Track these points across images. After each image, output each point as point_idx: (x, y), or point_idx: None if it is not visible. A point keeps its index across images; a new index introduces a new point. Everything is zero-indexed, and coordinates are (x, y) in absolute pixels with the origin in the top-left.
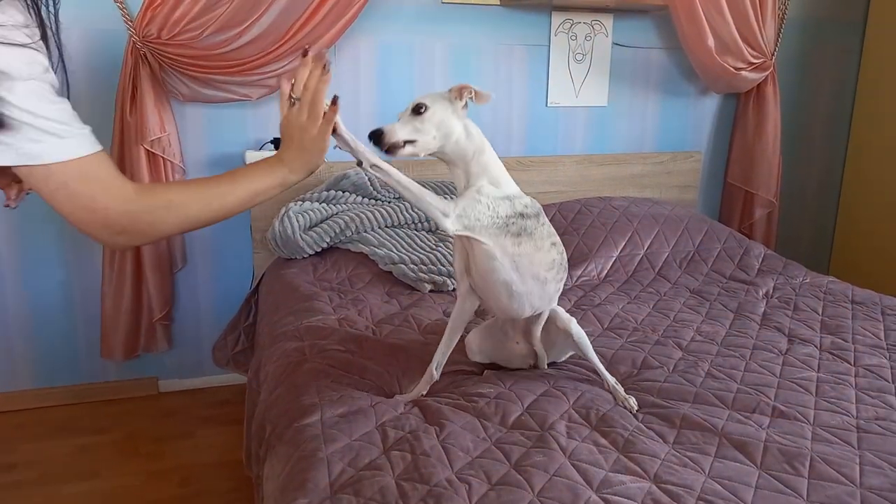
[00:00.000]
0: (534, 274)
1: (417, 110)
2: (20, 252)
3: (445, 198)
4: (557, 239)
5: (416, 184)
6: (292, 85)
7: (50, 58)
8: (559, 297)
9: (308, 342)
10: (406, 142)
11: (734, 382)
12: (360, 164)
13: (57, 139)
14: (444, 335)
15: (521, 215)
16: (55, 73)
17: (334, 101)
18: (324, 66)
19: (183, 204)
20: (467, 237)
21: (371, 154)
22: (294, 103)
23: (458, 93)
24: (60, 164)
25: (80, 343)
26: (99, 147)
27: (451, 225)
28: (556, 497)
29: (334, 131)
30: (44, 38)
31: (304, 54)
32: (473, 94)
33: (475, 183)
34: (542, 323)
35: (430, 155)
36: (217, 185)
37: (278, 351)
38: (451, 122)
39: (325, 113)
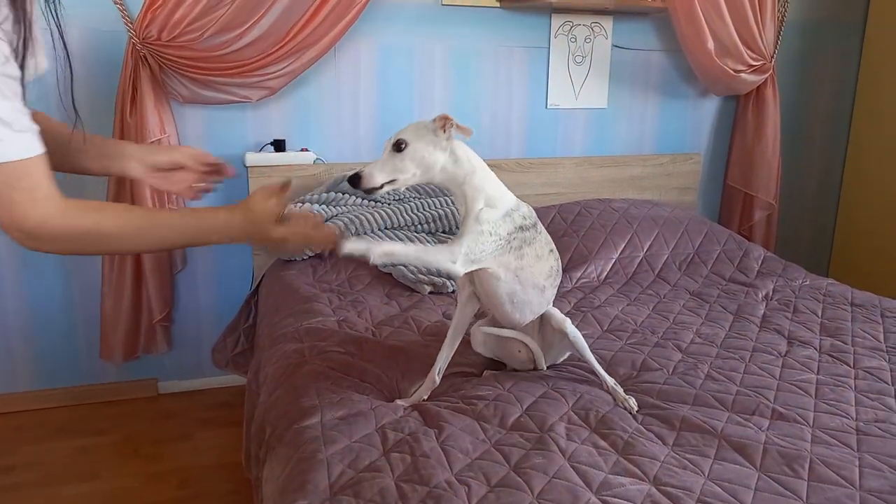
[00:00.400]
0: (534, 283)
1: (398, 147)
2: (20, 253)
3: (447, 242)
4: (553, 245)
5: (420, 248)
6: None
7: (17, 44)
8: (563, 302)
9: (308, 344)
10: (384, 182)
11: (734, 384)
12: (372, 262)
13: None
14: (445, 340)
15: (521, 228)
16: (14, 65)
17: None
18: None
19: (105, 233)
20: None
21: (375, 246)
22: (282, 219)
23: (441, 123)
24: None
25: (79, 344)
26: (38, 151)
27: (460, 268)
28: (555, 499)
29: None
30: (18, 22)
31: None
32: (454, 126)
33: (472, 206)
34: (534, 323)
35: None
36: (152, 223)
37: (278, 352)
38: (433, 156)
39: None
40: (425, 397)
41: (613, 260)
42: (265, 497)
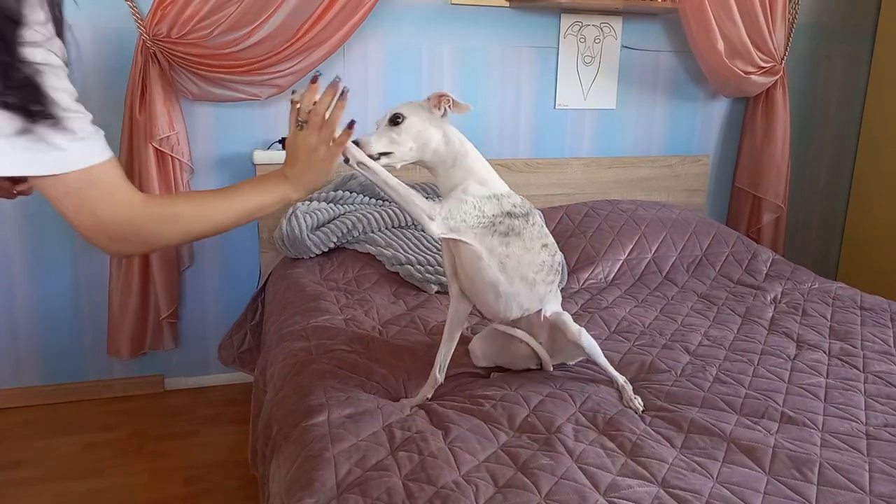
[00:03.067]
0: (522, 275)
1: (394, 120)
2: (29, 249)
3: (432, 200)
4: (550, 240)
5: (403, 185)
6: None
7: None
8: (569, 303)
9: (315, 342)
10: (381, 154)
11: (742, 387)
12: (346, 161)
13: (70, 149)
14: (442, 337)
15: (509, 214)
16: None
17: (350, 125)
18: (342, 93)
19: (187, 216)
20: (454, 239)
21: (358, 151)
22: (302, 126)
23: (436, 101)
24: (73, 172)
25: (86, 340)
26: (111, 153)
27: (436, 228)
28: (563, 500)
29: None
30: (59, 34)
31: (314, 81)
32: (451, 103)
33: (461, 183)
34: (543, 325)
35: (411, 163)
36: (222, 198)
37: (285, 350)
38: (428, 132)
39: (338, 137)
40: (429, 396)
41: (621, 261)
42: (272, 494)
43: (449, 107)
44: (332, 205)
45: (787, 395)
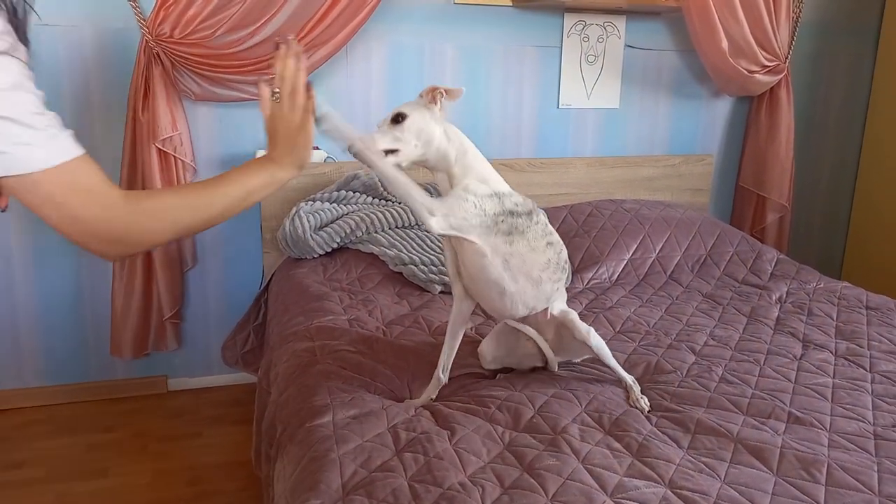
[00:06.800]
0: (526, 273)
1: (396, 119)
2: (31, 249)
3: (433, 195)
4: (556, 238)
5: (403, 176)
6: (271, 87)
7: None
8: (574, 303)
9: (318, 343)
10: (388, 152)
11: (749, 387)
12: (349, 149)
13: (38, 148)
14: (445, 338)
15: (511, 213)
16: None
17: (307, 87)
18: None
19: (173, 209)
20: (456, 237)
21: (358, 139)
22: (277, 99)
23: (430, 95)
24: (45, 173)
25: (89, 341)
26: (82, 150)
27: (436, 224)
28: (569, 501)
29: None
30: (23, 41)
31: (277, 47)
32: (444, 92)
33: (462, 181)
34: (549, 323)
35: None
36: (207, 189)
37: (289, 351)
38: (430, 128)
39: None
40: (433, 397)
41: (625, 261)
42: (276, 495)
43: (443, 97)
44: (335, 205)
45: (793, 396)
